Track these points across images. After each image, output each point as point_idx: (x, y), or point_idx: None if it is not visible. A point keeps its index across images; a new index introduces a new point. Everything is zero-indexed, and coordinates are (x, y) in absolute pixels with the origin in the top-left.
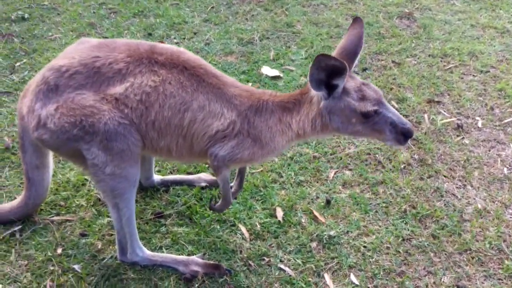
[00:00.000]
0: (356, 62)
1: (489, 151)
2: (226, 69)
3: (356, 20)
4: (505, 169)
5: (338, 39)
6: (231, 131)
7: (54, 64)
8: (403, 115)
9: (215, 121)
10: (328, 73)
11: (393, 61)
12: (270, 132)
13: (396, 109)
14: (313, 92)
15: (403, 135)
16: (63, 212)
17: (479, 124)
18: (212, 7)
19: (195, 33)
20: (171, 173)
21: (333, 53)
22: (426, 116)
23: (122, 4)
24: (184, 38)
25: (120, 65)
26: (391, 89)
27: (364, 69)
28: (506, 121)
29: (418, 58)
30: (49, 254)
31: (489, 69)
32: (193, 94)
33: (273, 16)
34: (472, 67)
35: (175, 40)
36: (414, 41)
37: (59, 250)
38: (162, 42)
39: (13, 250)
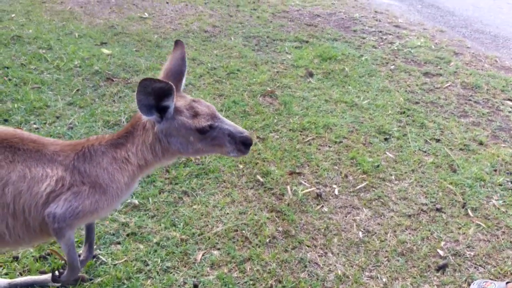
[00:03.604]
0: (183, 81)
1: (346, 217)
2: None
3: (177, 43)
4: (360, 233)
5: None
6: (61, 188)
7: None
8: (268, 189)
9: (41, 185)
10: (156, 96)
11: (258, 137)
12: (107, 173)
13: (261, 183)
14: (144, 119)
15: (242, 144)
16: None
17: (336, 192)
18: (78, 90)
19: (57, 117)
20: (21, 274)
21: (160, 76)
22: (288, 187)
23: None
24: (45, 123)
25: None
26: (256, 163)
27: None
28: (358, 187)
29: (280, 133)
30: None
31: (342, 139)
32: (9, 167)
33: None
34: (327, 139)
35: (34, 126)
36: (276, 117)
37: None
38: (19, 128)
39: None
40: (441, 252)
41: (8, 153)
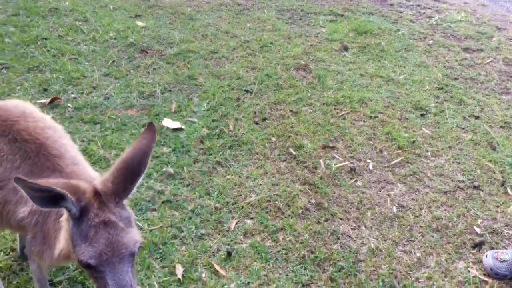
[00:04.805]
0: (137, 183)
1: (380, 191)
2: (126, 123)
3: (149, 126)
4: (394, 207)
5: (239, 90)
6: (29, 222)
7: None
8: (300, 162)
9: (20, 209)
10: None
11: (290, 110)
12: (57, 232)
13: (294, 156)
14: None
15: None
16: None
17: (370, 167)
18: (113, 61)
19: (94, 88)
20: None
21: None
22: (321, 161)
23: (15, 59)
24: (82, 93)
25: None
26: (289, 137)
27: (264, 119)
28: (393, 162)
29: (313, 107)
30: None
31: (377, 114)
32: (11, 173)
33: (175, 69)
34: (362, 113)
35: (72, 95)
36: (309, 90)
37: None
38: (58, 98)
39: None
40: (477, 230)
41: (19, 157)
